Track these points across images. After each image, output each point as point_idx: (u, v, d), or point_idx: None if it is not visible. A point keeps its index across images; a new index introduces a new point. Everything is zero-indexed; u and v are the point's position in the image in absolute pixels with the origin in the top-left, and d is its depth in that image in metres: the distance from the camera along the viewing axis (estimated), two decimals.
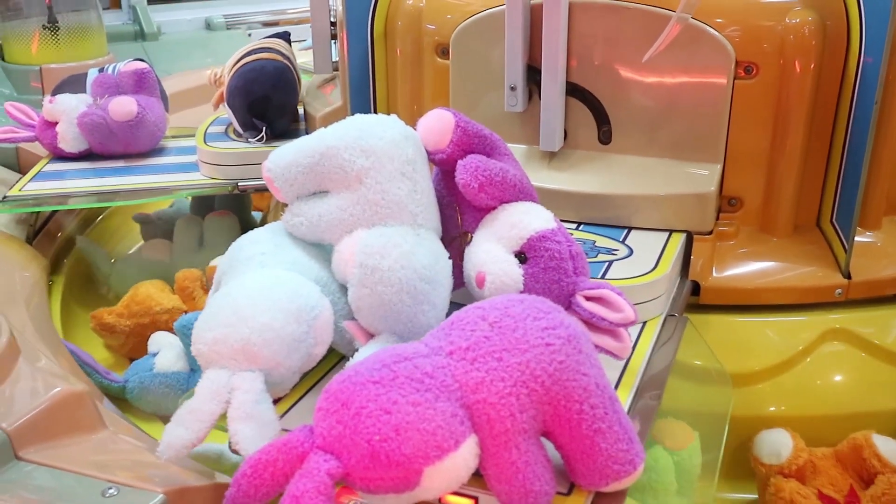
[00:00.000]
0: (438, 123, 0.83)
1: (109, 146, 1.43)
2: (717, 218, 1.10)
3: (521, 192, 0.84)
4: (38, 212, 1.40)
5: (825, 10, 1.04)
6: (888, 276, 1.08)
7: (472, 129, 0.84)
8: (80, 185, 1.37)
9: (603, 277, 0.94)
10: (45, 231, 1.43)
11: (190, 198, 1.55)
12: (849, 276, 1.05)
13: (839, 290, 1.06)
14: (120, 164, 1.43)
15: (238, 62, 1.42)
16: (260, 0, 3.51)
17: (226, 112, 1.45)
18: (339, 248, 0.81)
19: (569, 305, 0.79)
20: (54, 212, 1.46)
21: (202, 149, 1.39)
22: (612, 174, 1.08)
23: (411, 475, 0.60)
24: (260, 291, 0.74)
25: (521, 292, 0.78)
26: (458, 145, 0.83)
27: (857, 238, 1.04)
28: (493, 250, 0.80)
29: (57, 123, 1.42)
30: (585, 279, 0.81)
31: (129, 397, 1.13)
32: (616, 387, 0.80)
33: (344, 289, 0.81)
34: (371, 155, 0.80)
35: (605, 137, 1.11)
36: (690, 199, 1.04)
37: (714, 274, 1.06)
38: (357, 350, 0.79)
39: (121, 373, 1.15)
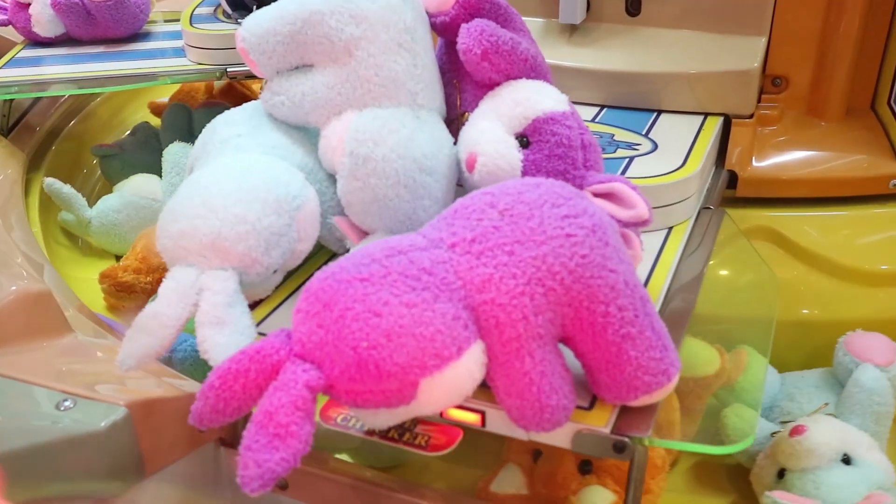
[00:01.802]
0: None
1: (88, 30, 1.32)
2: (759, 100, 0.98)
3: (532, 69, 0.71)
4: (12, 101, 1.30)
5: None
6: None
7: None
8: (57, 71, 1.26)
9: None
10: (23, 123, 1.34)
11: (160, 126, 1.37)
12: None
13: (895, 182, 0.95)
14: (100, 49, 1.32)
15: None
16: None
17: None
18: (326, 133, 0.71)
19: None
20: (32, 105, 1.36)
21: (188, 31, 1.27)
22: (640, 49, 0.96)
23: (405, 388, 0.51)
24: (233, 178, 0.65)
25: None
26: (465, 7, 0.71)
27: None
28: (489, 129, 0.68)
29: (30, 5, 1.31)
30: (596, 174, 0.69)
31: (179, 369, 0.90)
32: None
33: (334, 177, 0.71)
34: (362, 21, 0.69)
35: (633, 8, 0.99)
36: (730, 76, 0.92)
37: (754, 163, 0.95)
38: (348, 250, 0.70)
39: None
